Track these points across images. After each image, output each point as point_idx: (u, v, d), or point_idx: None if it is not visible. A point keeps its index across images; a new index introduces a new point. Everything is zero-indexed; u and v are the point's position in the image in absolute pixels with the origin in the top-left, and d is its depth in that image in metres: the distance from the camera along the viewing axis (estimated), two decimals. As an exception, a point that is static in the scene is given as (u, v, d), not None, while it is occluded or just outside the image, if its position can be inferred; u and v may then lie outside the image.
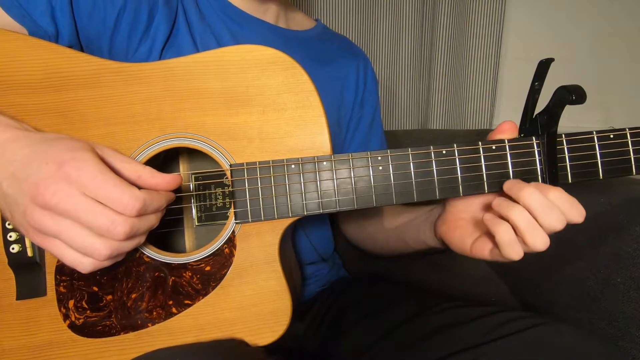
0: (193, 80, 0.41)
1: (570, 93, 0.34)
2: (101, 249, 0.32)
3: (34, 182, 0.31)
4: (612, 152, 0.39)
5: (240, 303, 0.41)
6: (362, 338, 0.52)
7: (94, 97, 0.41)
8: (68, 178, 0.31)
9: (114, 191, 0.32)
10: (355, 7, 1.08)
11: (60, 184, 0.31)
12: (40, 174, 0.31)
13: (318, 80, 0.43)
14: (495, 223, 0.37)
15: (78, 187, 0.31)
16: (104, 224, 0.32)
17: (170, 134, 0.42)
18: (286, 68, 0.42)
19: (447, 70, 1.13)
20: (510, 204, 0.37)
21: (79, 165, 0.31)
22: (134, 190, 0.32)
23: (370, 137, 0.68)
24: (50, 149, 0.32)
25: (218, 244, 0.41)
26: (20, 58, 0.40)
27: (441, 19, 1.11)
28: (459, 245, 0.44)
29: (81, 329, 0.41)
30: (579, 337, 0.40)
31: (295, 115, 0.42)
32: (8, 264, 0.40)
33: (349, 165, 0.40)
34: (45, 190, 0.31)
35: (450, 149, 0.40)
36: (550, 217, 0.35)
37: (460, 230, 0.44)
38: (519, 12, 1.17)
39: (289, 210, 0.41)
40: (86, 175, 0.31)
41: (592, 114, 1.23)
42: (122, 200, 0.32)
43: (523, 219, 0.36)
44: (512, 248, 0.36)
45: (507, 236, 0.36)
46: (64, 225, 0.32)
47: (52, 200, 0.31)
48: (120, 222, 0.32)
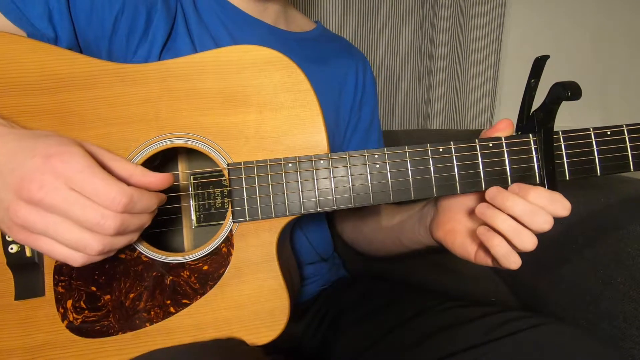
0: (190, 81, 0.42)
1: (565, 89, 0.34)
2: (93, 244, 0.32)
3: (19, 176, 0.30)
4: (610, 148, 0.39)
5: (238, 302, 0.41)
6: (361, 338, 0.52)
7: (92, 98, 0.41)
8: (54, 171, 0.30)
9: (101, 185, 0.31)
10: (355, 8, 1.09)
11: (46, 177, 0.30)
12: (26, 168, 0.30)
13: (316, 81, 0.43)
14: (489, 238, 0.38)
15: (64, 180, 0.30)
16: (94, 217, 0.31)
17: (167, 134, 0.42)
18: (283, 67, 0.42)
19: (447, 70, 1.13)
20: (495, 212, 0.38)
21: (66, 159, 0.30)
22: (121, 185, 0.32)
23: (368, 138, 0.68)
24: (37, 143, 0.32)
25: (216, 243, 0.41)
26: (17, 60, 0.40)
27: (441, 19, 1.11)
28: (462, 253, 0.44)
29: (79, 329, 0.41)
30: (579, 337, 0.40)
31: (292, 114, 0.42)
32: (7, 264, 0.40)
33: (346, 163, 0.41)
34: (31, 183, 0.30)
35: (447, 147, 0.40)
36: (536, 221, 0.36)
37: (460, 239, 0.44)
38: (519, 12, 1.17)
39: (287, 209, 0.41)
40: (73, 167, 0.30)
41: (592, 114, 1.23)
42: (109, 195, 0.31)
43: (508, 226, 0.37)
44: (508, 259, 0.37)
45: (502, 250, 0.37)
46: (52, 221, 0.31)
47: (38, 194, 0.30)
48: (110, 216, 0.31)
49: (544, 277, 0.63)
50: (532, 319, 0.42)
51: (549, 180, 0.38)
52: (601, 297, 0.54)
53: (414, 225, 0.53)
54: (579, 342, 0.39)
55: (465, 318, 0.46)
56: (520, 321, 0.42)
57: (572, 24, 1.19)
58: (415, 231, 0.53)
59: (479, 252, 0.42)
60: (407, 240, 0.56)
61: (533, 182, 0.39)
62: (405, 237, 0.56)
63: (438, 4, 1.10)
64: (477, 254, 0.42)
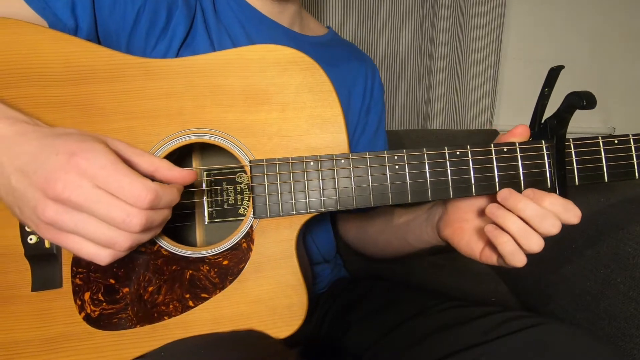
0: (214, 77, 0.42)
1: (581, 98, 0.36)
2: (122, 241, 0.32)
3: (44, 175, 0.30)
4: (617, 156, 0.41)
5: (256, 297, 0.42)
6: (362, 338, 0.53)
7: (114, 91, 0.41)
8: (78, 168, 0.30)
9: (125, 181, 0.31)
10: (355, 7, 1.09)
11: (70, 175, 0.30)
12: (49, 166, 0.30)
13: None
14: (497, 235, 0.39)
15: (89, 177, 0.30)
16: (119, 216, 0.31)
17: (190, 130, 0.42)
18: (306, 68, 0.43)
19: (447, 70, 1.15)
20: (506, 213, 0.39)
21: (89, 156, 0.30)
22: (146, 181, 0.32)
23: (374, 143, 0.69)
24: (59, 141, 0.32)
25: (236, 239, 0.42)
26: (40, 51, 0.40)
27: (441, 19, 1.12)
28: (467, 251, 0.45)
29: (96, 321, 0.41)
30: (579, 337, 0.40)
31: (314, 114, 0.42)
32: (25, 254, 0.40)
33: (366, 164, 0.42)
34: (56, 183, 0.30)
35: (464, 150, 0.41)
36: (545, 224, 0.37)
37: (467, 237, 0.45)
38: (519, 12, 1.19)
39: (307, 206, 0.41)
40: (96, 164, 0.30)
41: (592, 115, 1.24)
42: (134, 192, 0.31)
43: (518, 227, 0.38)
44: (514, 257, 0.39)
45: (509, 247, 0.39)
46: (81, 219, 0.31)
47: (64, 193, 0.30)
48: (135, 214, 0.31)
49: (544, 277, 0.64)
50: (532, 319, 0.43)
51: (560, 185, 0.40)
52: (601, 297, 0.54)
53: (421, 224, 0.54)
54: (579, 342, 0.40)
55: (465, 318, 0.46)
56: (520, 321, 0.43)
57: (572, 24, 1.20)
58: (422, 230, 0.54)
59: (484, 250, 0.43)
60: (413, 240, 0.57)
61: (544, 187, 0.41)
62: (411, 237, 0.57)
63: (438, 4, 1.11)
64: (482, 252, 0.44)
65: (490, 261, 0.43)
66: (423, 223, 0.54)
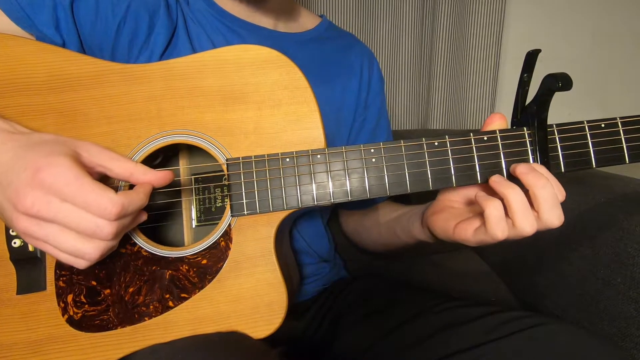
0: (191, 79, 0.43)
1: (557, 80, 0.34)
2: (91, 252, 0.33)
3: (14, 189, 0.31)
4: (604, 140, 0.39)
5: (236, 296, 0.41)
6: (362, 338, 0.52)
7: (97, 96, 0.42)
8: (43, 185, 0.31)
9: (91, 197, 0.31)
10: (355, 7, 1.09)
11: (36, 192, 0.31)
12: (19, 182, 0.31)
13: (315, 82, 0.43)
14: (487, 198, 0.37)
15: (55, 193, 0.31)
16: (89, 228, 0.32)
17: (168, 131, 0.43)
18: (281, 66, 0.43)
19: (447, 70, 1.14)
20: (510, 183, 0.37)
21: (54, 172, 0.31)
22: (111, 195, 0.32)
23: (375, 138, 0.67)
24: (30, 154, 0.32)
25: (214, 238, 0.42)
26: (26, 61, 0.41)
27: (441, 19, 1.11)
28: (442, 227, 0.43)
29: (79, 323, 0.41)
30: (579, 337, 0.40)
31: (290, 110, 0.43)
32: (10, 258, 0.41)
33: (342, 158, 0.41)
34: (25, 199, 0.31)
35: (442, 141, 0.40)
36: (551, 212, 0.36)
37: (445, 214, 0.44)
38: (519, 12, 1.18)
39: (284, 203, 0.41)
40: (61, 181, 0.31)
41: (592, 113, 1.23)
42: (100, 206, 0.32)
43: (519, 199, 0.36)
44: (498, 225, 0.36)
45: (496, 212, 0.36)
46: (51, 230, 0.32)
47: (33, 208, 0.31)
48: (106, 224, 0.32)
49: (544, 277, 0.62)
50: (532, 319, 0.42)
51: (544, 172, 0.38)
52: (601, 297, 0.54)
53: (410, 217, 0.54)
54: (579, 342, 0.39)
55: (465, 318, 0.46)
56: (520, 321, 0.42)
57: (572, 24, 1.19)
58: (410, 223, 0.53)
59: (458, 225, 0.41)
60: (400, 231, 0.56)
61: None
62: (399, 228, 0.57)
63: (438, 4, 1.11)
64: (456, 227, 0.41)
65: (465, 235, 0.40)
66: (412, 217, 0.53)
